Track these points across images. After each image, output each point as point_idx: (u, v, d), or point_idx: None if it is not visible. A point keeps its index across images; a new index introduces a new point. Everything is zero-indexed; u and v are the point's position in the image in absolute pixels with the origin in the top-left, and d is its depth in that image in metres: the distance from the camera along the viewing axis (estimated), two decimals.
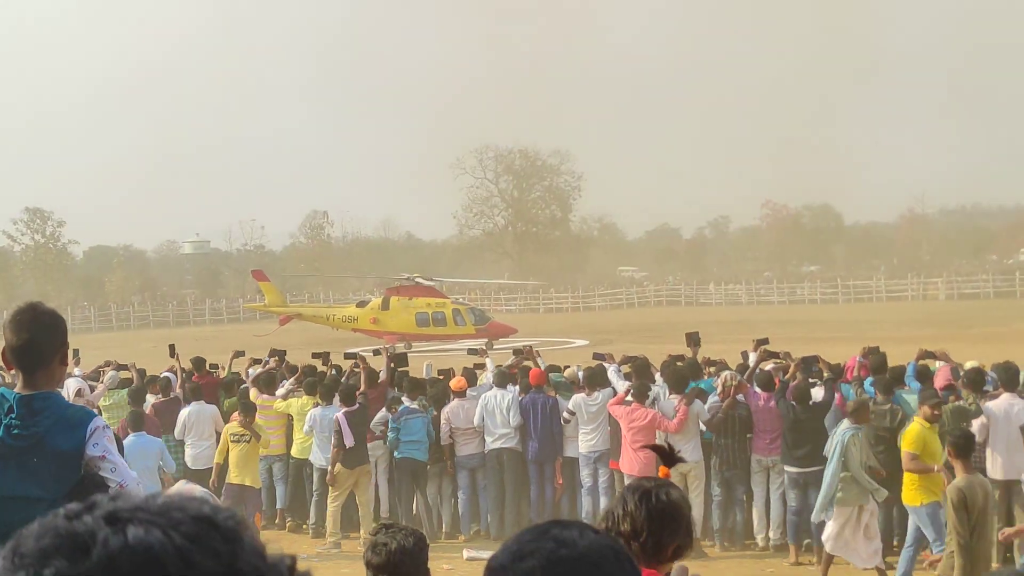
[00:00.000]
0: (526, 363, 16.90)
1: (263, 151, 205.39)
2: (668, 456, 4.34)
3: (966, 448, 10.13)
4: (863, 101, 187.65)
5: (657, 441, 13.06)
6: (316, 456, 15.78)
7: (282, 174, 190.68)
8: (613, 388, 15.01)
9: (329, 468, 15.04)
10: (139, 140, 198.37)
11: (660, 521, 3.90)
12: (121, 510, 1.27)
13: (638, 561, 3.90)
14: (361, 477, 15.15)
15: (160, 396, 17.03)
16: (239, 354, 19.86)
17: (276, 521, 16.53)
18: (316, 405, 15.78)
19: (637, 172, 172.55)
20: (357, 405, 15.17)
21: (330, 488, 15.14)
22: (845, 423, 12.58)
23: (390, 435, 15.40)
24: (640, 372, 15.29)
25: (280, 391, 16.51)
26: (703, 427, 14.29)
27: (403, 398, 15.63)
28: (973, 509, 9.84)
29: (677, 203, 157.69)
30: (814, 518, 12.90)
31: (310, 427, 15.66)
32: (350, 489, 15.19)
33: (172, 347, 18.87)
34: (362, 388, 15.69)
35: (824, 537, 12.57)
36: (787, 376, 14.78)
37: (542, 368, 16.58)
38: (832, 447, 12.49)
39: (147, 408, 16.18)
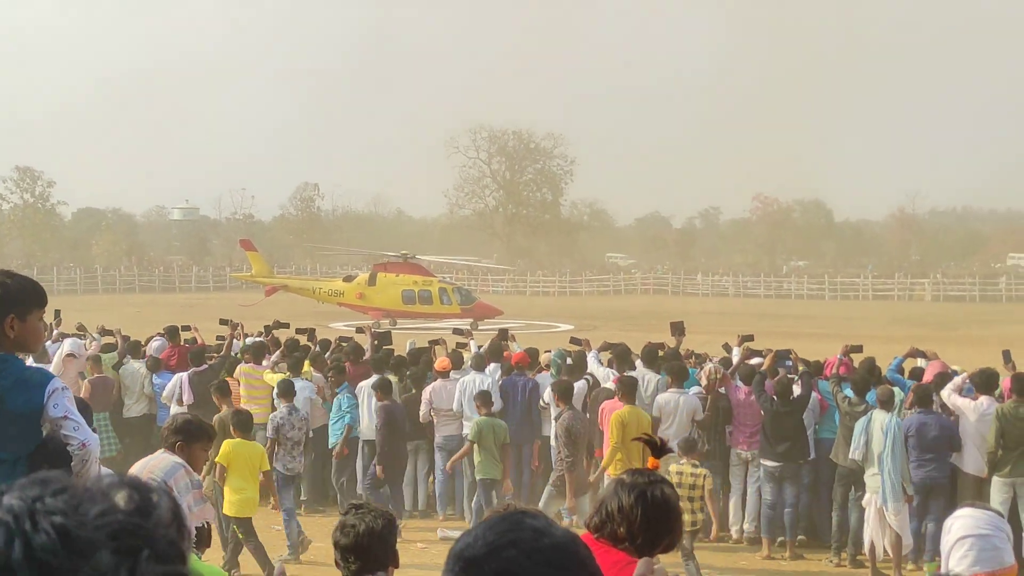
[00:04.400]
0: (504, 343, 16.94)
1: (256, 121, 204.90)
2: (658, 448, 4.36)
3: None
4: (858, 98, 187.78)
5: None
6: None
7: (275, 145, 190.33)
8: (591, 375, 14.98)
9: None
10: (133, 104, 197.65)
11: (656, 519, 3.93)
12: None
13: (629, 552, 3.94)
14: None
15: (93, 372, 16.89)
16: (278, 325, 19.52)
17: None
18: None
19: (629, 159, 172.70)
20: (205, 367, 15.99)
21: None
22: (881, 415, 12.56)
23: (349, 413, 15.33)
24: (620, 358, 15.27)
25: (266, 363, 16.51)
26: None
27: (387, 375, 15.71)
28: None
29: (668, 192, 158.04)
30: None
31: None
32: None
33: (57, 313, 18.62)
34: (225, 352, 16.59)
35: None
36: (763, 368, 14.79)
37: (516, 351, 16.57)
38: (879, 441, 12.43)
39: (83, 389, 16.01)
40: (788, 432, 13.71)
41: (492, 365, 16.08)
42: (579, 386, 14.71)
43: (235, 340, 18.17)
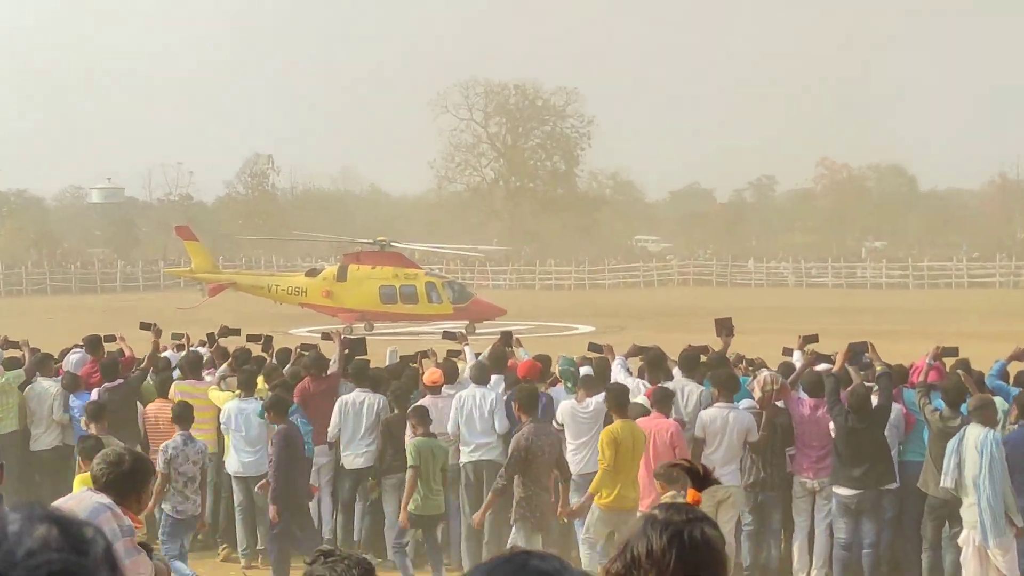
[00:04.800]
0: (508, 350, 16.91)
1: (193, 78, 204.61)
2: (700, 477, 4.32)
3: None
4: (945, 41, 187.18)
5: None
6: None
7: (216, 107, 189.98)
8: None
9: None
10: (39, 64, 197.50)
11: (695, 567, 3.89)
12: None
13: None
14: None
15: None
16: (226, 333, 19.55)
17: (199, 538, 16.47)
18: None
19: (661, 118, 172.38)
20: (119, 381, 16.09)
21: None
22: (977, 430, 12.48)
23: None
24: (653, 366, 15.22)
25: (210, 378, 16.50)
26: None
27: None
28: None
29: (710, 158, 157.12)
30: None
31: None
32: None
33: None
34: (147, 363, 16.75)
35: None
36: (835, 369, 14.72)
37: (523, 359, 16.49)
38: (974, 462, 12.38)
39: None
40: (866, 452, 13.67)
41: (495, 377, 16.04)
42: (599, 400, 14.69)
43: (165, 349, 18.20)
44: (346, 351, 16.92)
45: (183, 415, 14.20)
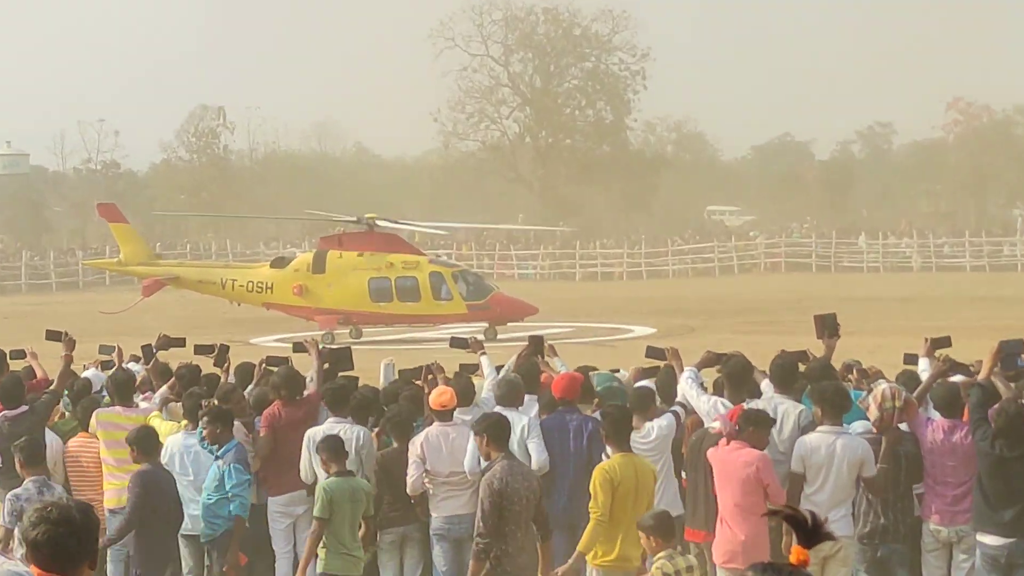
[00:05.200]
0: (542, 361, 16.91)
1: (116, 7, 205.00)
2: (809, 530, 4.30)
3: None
4: None
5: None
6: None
7: (147, 44, 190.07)
8: (681, 406, 14.91)
9: None
10: None
11: None
12: None
13: None
14: None
15: None
16: (168, 343, 19.61)
17: None
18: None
19: (739, 51, 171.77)
20: (24, 409, 16.06)
21: None
22: None
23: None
24: (735, 379, 15.17)
25: (146, 404, 16.55)
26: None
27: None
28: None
29: (805, 101, 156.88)
30: None
31: (168, 466, 15.67)
32: None
33: None
34: (57, 383, 16.90)
35: None
36: (981, 377, 14.66)
37: (560, 372, 16.49)
38: None
39: None
40: (1020, 489, 13.64)
41: (527, 398, 16.00)
42: (662, 424, 14.68)
43: (88, 367, 18.25)
44: (326, 366, 16.94)
45: (33, 452, 14.28)
